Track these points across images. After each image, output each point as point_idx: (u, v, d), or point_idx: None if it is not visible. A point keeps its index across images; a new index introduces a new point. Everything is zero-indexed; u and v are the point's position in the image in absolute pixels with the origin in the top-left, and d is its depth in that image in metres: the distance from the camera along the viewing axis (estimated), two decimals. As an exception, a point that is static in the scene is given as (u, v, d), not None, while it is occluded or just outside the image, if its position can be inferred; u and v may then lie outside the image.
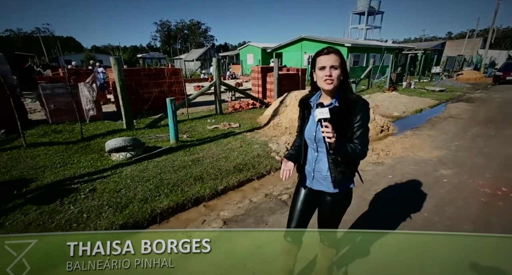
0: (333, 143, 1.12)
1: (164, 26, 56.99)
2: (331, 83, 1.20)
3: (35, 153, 4.15)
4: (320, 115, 1.12)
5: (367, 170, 3.61)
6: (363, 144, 1.23)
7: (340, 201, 1.41)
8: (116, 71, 5.05)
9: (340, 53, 1.23)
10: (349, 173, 1.34)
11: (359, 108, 1.22)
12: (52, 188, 3.08)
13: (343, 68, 1.22)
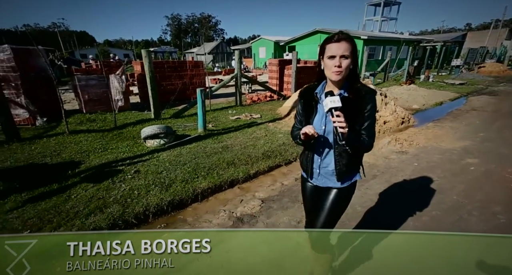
0: (346, 133, 1.04)
1: (175, 20, 57.09)
2: (339, 74, 1.11)
3: (77, 139, 4.49)
4: (331, 104, 1.04)
5: (391, 158, 3.74)
6: (370, 136, 1.17)
7: (346, 194, 1.33)
8: (147, 64, 5.30)
9: (351, 39, 1.12)
10: (355, 166, 1.28)
11: (369, 98, 1.16)
12: (100, 170, 3.38)
13: (354, 56, 1.13)
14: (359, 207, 2.55)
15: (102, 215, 2.45)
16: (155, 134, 4.16)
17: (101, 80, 6.00)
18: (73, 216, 2.42)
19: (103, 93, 6.03)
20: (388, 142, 4.31)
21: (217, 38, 57.47)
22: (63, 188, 2.89)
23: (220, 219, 2.47)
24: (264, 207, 2.65)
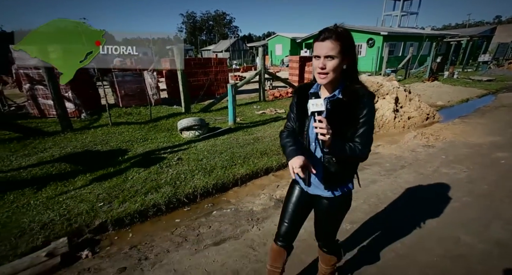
0: (328, 141, 0.95)
1: (190, 18, 57.72)
2: (325, 77, 1.01)
3: (120, 130, 4.91)
4: (313, 108, 0.94)
5: (418, 151, 3.85)
6: (365, 144, 1.05)
7: (338, 205, 1.23)
8: (178, 61, 5.65)
9: (341, 37, 0.97)
10: (346, 176, 1.18)
11: (365, 102, 1.03)
12: (146, 156, 3.75)
13: (346, 55, 1.00)
14: (390, 193, 2.73)
15: (157, 194, 2.78)
16: (190, 126, 4.50)
17: (135, 76, 6.45)
18: (134, 193, 2.77)
19: (137, 89, 6.48)
20: (413, 137, 4.41)
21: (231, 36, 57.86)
22: (119, 171, 3.27)
23: (262, 200, 2.74)
24: (300, 191, 2.88)
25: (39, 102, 5.79)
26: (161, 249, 2.06)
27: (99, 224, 2.38)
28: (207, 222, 2.41)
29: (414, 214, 2.36)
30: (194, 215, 2.59)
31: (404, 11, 35.50)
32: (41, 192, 2.79)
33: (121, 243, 2.23)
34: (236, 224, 2.34)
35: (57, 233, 2.21)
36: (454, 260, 1.78)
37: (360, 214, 2.39)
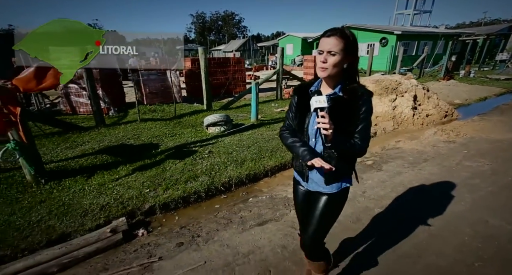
0: (330, 136, 1.00)
1: (200, 18, 58.11)
2: (324, 70, 1.06)
3: (148, 126, 5.20)
4: (317, 104, 0.99)
5: (439, 146, 3.96)
6: (364, 139, 1.10)
7: (337, 201, 1.27)
8: (202, 61, 5.91)
9: (345, 36, 1.04)
10: (344, 171, 1.21)
11: (364, 100, 1.09)
12: (178, 150, 4.00)
13: (348, 54, 1.05)
14: (416, 183, 2.88)
15: (196, 182, 3.02)
16: (216, 122, 4.73)
17: (159, 75, 6.76)
18: (175, 182, 3.02)
19: (161, 87, 6.79)
20: (434, 133, 4.51)
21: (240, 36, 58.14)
22: (156, 162, 3.53)
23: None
24: (328, 181, 3.07)
25: (71, 100, 6.15)
26: (210, 229, 2.28)
27: (148, 207, 2.63)
28: (246, 208, 2.63)
29: (441, 200, 2.51)
30: (232, 202, 2.81)
31: (416, 9, 34.90)
32: (91, 179, 3.07)
33: (170, 224, 2.48)
34: (274, 208, 2.55)
35: (114, 214, 2.47)
36: (484, 240, 1.93)
37: (388, 201, 2.56)
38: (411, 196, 2.64)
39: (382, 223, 2.25)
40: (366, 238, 2.07)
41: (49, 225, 2.28)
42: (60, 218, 2.36)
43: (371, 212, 2.40)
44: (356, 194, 2.72)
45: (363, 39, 19.05)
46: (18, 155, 2.75)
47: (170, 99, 7.06)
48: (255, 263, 1.85)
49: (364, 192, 2.76)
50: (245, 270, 1.79)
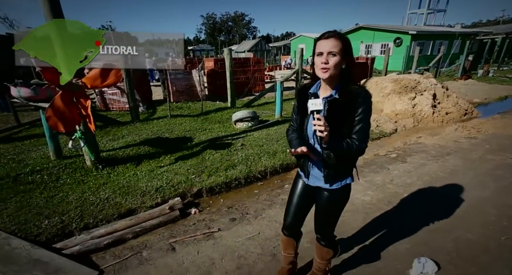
0: (325, 138, 1.03)
1: (210, 19, 58.54)
2: (326, 71, 1.08)
3: (179, 121, 5.57)
4: (312, 107, 1.03)
5: (461, 142, 4.12)
6: (362, 140, 1.12)
7: (338, 198, 1.31)
8: (227, 61, 6.24)
9: (343, 38, 1.09)
10: (344, 169, 1.25)
11: (361, 101, 1.11)
12: (212, 143, 4.32)
13: (346, 55, 1.09)
14: (441, 173, 3.09)
15: (235, 170, 3.33)
16: (244, 118, 5.04)
17: (185, 74, 7.14)
18: (216, 170, 3.33)
19: (186, 85, 7.17)
20: (455, 129, 4.66)
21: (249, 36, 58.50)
22: (195, 153, 3.86)
23: (325, 177, 3.19)
24: (357, 171, 3.31)
25: (104, 97, 6.62)
26: (256, 208, 2.58)
27: (196, 190, 2.95)
28: (284, 192, 2.91)
29: (467, 187, 2.71)
30: (269, 188, 3.10)
31: (430, 8, 34.29)
32: (140, 166, 3.42)
33: (217, 205, 2.79)
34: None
35: (168, 195, 2.81)
36: (510, 219, 2.13)
37: (416, 188, 2.79)
38: (437, 183, 2.85)
39: (412, 206, 2.48)
40: (398, 218, 2.31)
41: (116, 201, 2.63)
42: (124, 197, 2.71)
43: (400, 197, 2.63)
44: (385, 182, 2.96)
45: (376, 40, 19.01)
46: (83, 143, 3.13)
47: (194, 97, 7.45)
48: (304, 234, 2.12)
49: (392, 180, 3.00)
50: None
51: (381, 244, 1.98)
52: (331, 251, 1.48)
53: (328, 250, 1.47)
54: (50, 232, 2.20)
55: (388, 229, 2.16)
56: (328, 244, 1.46)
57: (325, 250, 1.47)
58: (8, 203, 2.56)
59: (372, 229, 2.17)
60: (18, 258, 1.90)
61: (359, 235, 2.11)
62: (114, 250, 2.08)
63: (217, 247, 2.02)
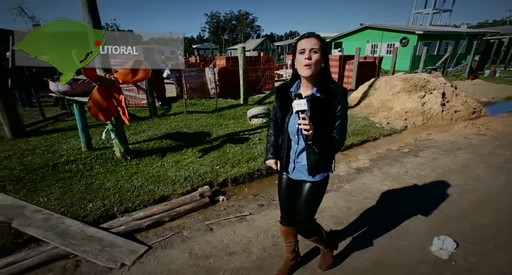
0: (310, 135, 1.11)
1: (214, 17, 58.48)
2: (309, 68, 1.15)
3: (195, 117, 5.77)
4: (298, 107, 1.09)
5: (471, 138, 4.27)
6: (341, 134, 1.22)
7: (319, 188, 1.40)
8: (241, 59, 6.42)
9: (321, 38, 1.18)
10: (325, 161, 1.34)
11: (340, 98, 1.20)
12: (230, 137, 4.51)
13: (324, 54, 1.17)
14: (453, 166, 3.25)
15: (256, 162, 3.51)
16: (259, 114, 5.23)
17: (198, 72, 7.34)
18: (238, 161, 3.52)
19: (200, 83, 7.37)
20: (464, 126, 4.80)
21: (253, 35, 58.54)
22: (216, 147, 4.05)
23: (343, 170, 3.37)
24: (372, 164, 3.48)
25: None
26: (281, 196, 2.77)
27: (222, 180, 3.15)
28: (304, 182, 3.09)
29: (479, 178, 2.88)
30: (289, 178, 3.28)
31: (436, 8, 34.15)
32: (166, 158, 3.62)
33: (242, 193, 2.98)
34: (331, 182, 2.99)
35: (196, 184, 3.00)
36: (521, 206, 2.31)
37: (430, 179, 2.96)
38: (450, 175, 3.02)
39: (427, 194, 2.66)
40: (414, 205, 2.48)
41: (150, 189, 2.84)
42: (156, 185, 2.91)
43: (416, 186, 2.81)
44: (400, 174, 3.13)
45: (383, 39, 19.06)
46: (114, 135, 3.34)
47: (207, 94, 7.66)
48: (328, 218, 2.31)
49: (407, 172, 3.17)
50: (322, 223, 2.25)
51: (400, 227, 2.16)
52: (317, 237, 1.56)
53: (316, 238, 1.56)
54: (95, 214, 2.41)
55: (406, 214, 2.33)
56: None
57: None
58: (52, 189, 2.78)
59: (391, 215, 2.34)
60: (74, 234, 2.11)
61: (379, 220, 2.28)
62: (155, 231, 2.28)
63: (251, 228, 2.21)
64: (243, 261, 1.84)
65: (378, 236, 2.05)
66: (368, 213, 2.38)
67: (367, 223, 2.23)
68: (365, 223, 2.22)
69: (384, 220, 2.26)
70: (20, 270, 1.83)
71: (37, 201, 2.57)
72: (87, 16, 2.93)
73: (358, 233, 2.11)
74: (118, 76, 3.17)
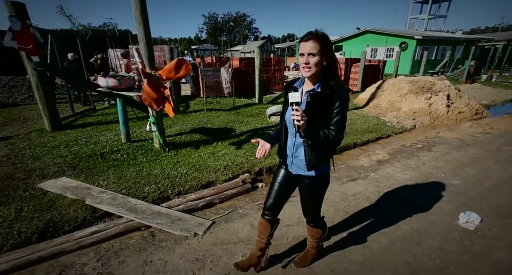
0: (302, 126, 1.13)
1: (212, 19, 58.32)
2: (308, 70, 1.20)
3: (215, 114, 6.05)
4: (292, 99, 1.14)
5: (477, 136, 4.65)
6: (338, 131, 1.24)
7: (318, 184, 1.42)
8: (257, 61, 6.74)
9: (321, 39, 1.18)
10: (324, 158, 1.36)
11: (338, 95, 1.21)
12: (254, 133, 4.80)
13: (325, 54, 1.20)
14: (466, 160, 3.60)
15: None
16: (277, 112, 5.54)
17: (214, 72, 7.63)
18: (269, 153, 3.81)
19: (215, 82, 7.66)
20: (470, 126, 5.18)
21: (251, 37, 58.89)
22: (244, 141, 4.33)
23: (366, 162, 3.69)
24: (391, 157, 3.81)
25: (140, 91, 7.08)
26: (315, 182, 3.07)
27: (258, 169, 3.44)
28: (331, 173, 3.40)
29: (490, 169, 3.23)
30: (317, 169, 3.59)
31: (431, 14, 35.14)
32: (201, 150, 3.90)
33: (277, 181, 3.27)
34: (357, 171, 3.32)
35: (236, 172, 3.28)
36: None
37: (446, 169, 3.29)
38: (464, 166, 3.36)
39: (446, 181, 2.99)
40: (436, 189, 2.81)
41: (195, 175, 3.11)
42: (200, 172, 3.19)
43: (434, 175, 3.14)
44: (418, 165, 3.47)
45: (382, 43, 19.63)
46: (155, 128, 3.61)
47: (221, 93, 7.94)
48: (363, 199, 2.63)
49: (424, 164, 3.51)
50: (358, 203, 2.57)
51: (429, 205, 2.49)
52: (320, 230, 1.63)
53: (317, 230, 1.62)
54: (153, 195, 2.68)
55: (430, 196, 2.66)
56: (316, 225, 1.61)
57: (314, 230, 1.62)
58: (106, 174, 3.03)
59: (417, 197, 2.67)
60: (143, 210, 2.38)
61: (409, 200, 2.60)
62: (209, 210, 2.56)
63: (295, 208, 2.50)
64: (300, 231, 2.14)
65: (412, 212, 2.37)
66: (398, 196, 2.70)
67: (398, 203, 2.55)
68: (397, 203, 2.54)
69: (413, 201, 2.58)
70: (105, 237, 2.10)
71: (98, 184, 2.82)
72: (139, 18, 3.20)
73: (392, 210, 2.43)
74: (162, 73, 3.45)
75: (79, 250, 1.98)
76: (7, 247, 1.92)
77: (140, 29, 3.23)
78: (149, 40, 3.34)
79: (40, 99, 4.15)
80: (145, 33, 3.26)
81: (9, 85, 6.94)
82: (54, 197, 2.52)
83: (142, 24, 3.23)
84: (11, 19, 3.52)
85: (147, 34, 3.30)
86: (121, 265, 1.79)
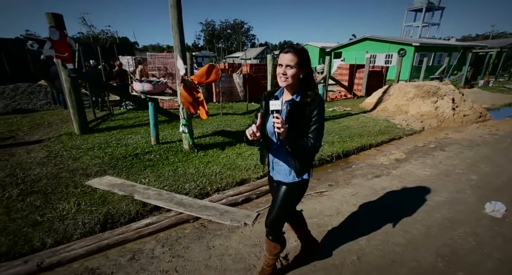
0: (282, 134, 1.16)
1: (209, 26, 58.57)
2: (285, 80, 1.25)
3: (231, 118, 6.26)
4: (272, 107, 1.16)
5: (485, 137, 4.91)
6: (316, 139, 1.28)
7: (296, 190, 1.44)
8: (270, 66, 6.99)
9: (299, 52, 1.24)
10: (304, 165, 1.38)
11: (316, 104, 1.26)
12: (272, 135, 5.01)
13: (303, 67, 1.25)
14: (478, 158, 3.83)
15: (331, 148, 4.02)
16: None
17: (227, 77, 7.89)
18: (292, 153, 4.02)
19: (228, 87, 7.90)
20: (476, 127, 5.46)
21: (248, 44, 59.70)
22: (264, 142, 4.53)
23: (385, 160, 3.90)
24: (407, 156, 4.03)
25: (155, 97, 7.29)
26: (343, 179, 3.26)
27: (285, 168, 3.63)
28: (354, 170, 3.60)
29: (502, 165, 3.46)
30: (339, 168, 3.79)
31: (425, 22, 36.31)
32: (227, 151, 4.09)
33: (304, 179, 3.46)
34: (379, 169, 3.53)
35: (264, 170, 3.47)
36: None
37: (463, 167, 3.52)
38: (478, 164, 3.60)
39: (465, 177, 3.21)
40: (457, 183, 3.02)
41: (228, 174, 3.29)
42: (232, 171, 3.37)
43: (453, 172, 3.36)
44: (435, 163, 3.69)
45: (381, 50, 20.21)
46: (186, 130, 3.80)
47: (233, 97, 8.18)
48: (392, 193, 2.83)
49: (440, 162, 3.73)
50: (388, 196, 2.77)
51: (454, 197, 2.70)
52: (278, 245, 1.55)
53: (276, 245, 1.54)
54: (194, 192, 2.85)
55: (454, 189, 2.87)
56: (274, 239, 1.52)
57: (272, 245, 1.54)
58: (145, 173, 3.20)
59: (441, 190, 2.87)
60: (190, 204, 2.55)
61: (435, 193, 2.81)
62: (249, 204, 2.74)
63: (331, 200, 2.70)
64: (340, 220, 2.32)
65: (439, 203, 2.58)
66: (423, 189, 2.91)
67: (424, 195, 2.75)
68: (423, 196, 2.74)
69: (438, 193, 2.79)
70: (160, 227, 2.27)
71: (140, 181, 2.99)
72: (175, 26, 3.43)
73: (421, 202, 2.63)
74: (194, 78, 3.68)
75: (140, 239, 2.14)
76: (76, 236, 2.07)
77: (176, 37, 3.46)
78: (183, 47, 3.57)
79: (72, 104, 4.33)
80: (180, 41, 3.50)
81: (27, 91, 7.11)
82: (104, 193, 2.68)
83: (178, 32, 3.46)
84: (51, 29, 3.74)
85: (182, 42, 3.53)
86: (186, 249, 1.96)
